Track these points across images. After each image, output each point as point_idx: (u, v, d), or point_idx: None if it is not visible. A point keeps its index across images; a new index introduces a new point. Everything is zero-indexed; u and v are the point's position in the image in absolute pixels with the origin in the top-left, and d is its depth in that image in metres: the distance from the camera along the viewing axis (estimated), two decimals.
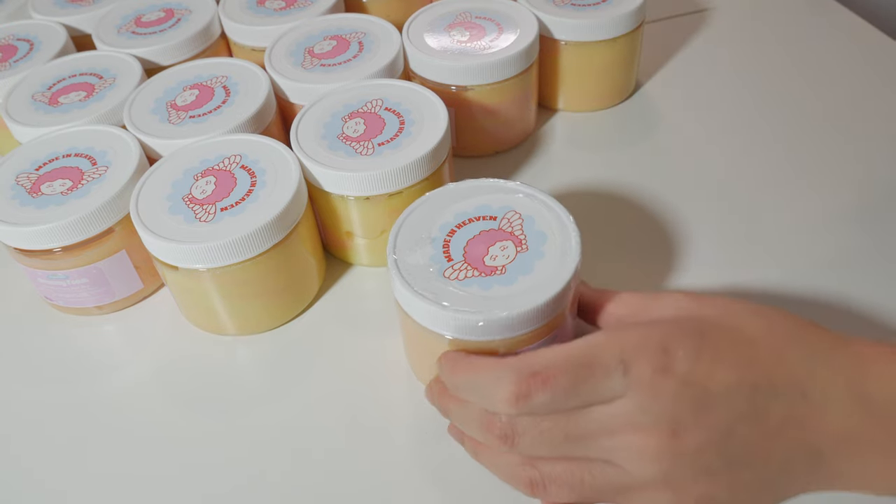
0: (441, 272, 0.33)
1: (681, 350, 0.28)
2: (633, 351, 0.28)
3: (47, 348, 0.42)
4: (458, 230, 0.34)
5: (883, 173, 0.47)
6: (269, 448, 0.36)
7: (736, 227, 0.44)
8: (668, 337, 0.28)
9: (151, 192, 0.39)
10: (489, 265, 0.33)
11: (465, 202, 0.36)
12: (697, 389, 0.27)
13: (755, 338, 0.29)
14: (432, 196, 0.36)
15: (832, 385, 0.28)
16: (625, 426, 0.27)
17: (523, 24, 0.49)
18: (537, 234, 0.34)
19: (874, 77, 0.55)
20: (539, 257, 0.33)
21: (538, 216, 0.35)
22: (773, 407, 0.27)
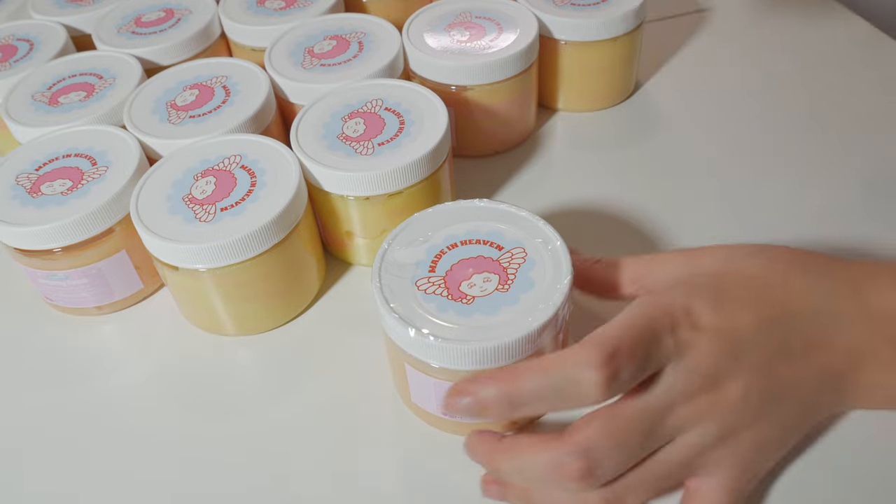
0: (415, 280, 0.33)
1: (700, 305, 0.29)
2: (671, 316, 0.28)
3: (47, 348, 0.42)
4: (459, 247, 0.34)
5: (884, 174, 0.47)
6: (269, 448, 0.36)
7: (736, 228, 0.44)
8: (686, 296, 0.29)
9: (151, 192, 0.39)
10: (462, 291, 0.32)
11: (481, 223, 0.35)
12: (727, 340, 0.28)
13: (758, 275, 0.30)
14: (453, 206, 0.36)
15: (837, 304, 0.29)
16: (680, 394, 0.28)
17: (523, 23, 0.49)
18: (526, 280, 0.32)
19: (874, 77, 0.55)
20: (513, 303, 0.31)
21: (539, 262, 0.33)
22: (793, 335, 0.28)
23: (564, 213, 0.46)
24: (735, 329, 0.28)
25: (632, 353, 0.27)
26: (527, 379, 0.27)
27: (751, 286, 0.29)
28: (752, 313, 0.28)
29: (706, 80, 0.56)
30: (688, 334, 0.28)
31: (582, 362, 0.27)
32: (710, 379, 0.28)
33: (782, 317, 0.29)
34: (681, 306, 0.29)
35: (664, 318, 0.28)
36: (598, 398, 0.27)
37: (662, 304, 0.29)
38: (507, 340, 0.30)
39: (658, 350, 0.28)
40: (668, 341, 0.28)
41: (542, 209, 0.47)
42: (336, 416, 0.37)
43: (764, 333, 0.28)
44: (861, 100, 0.53)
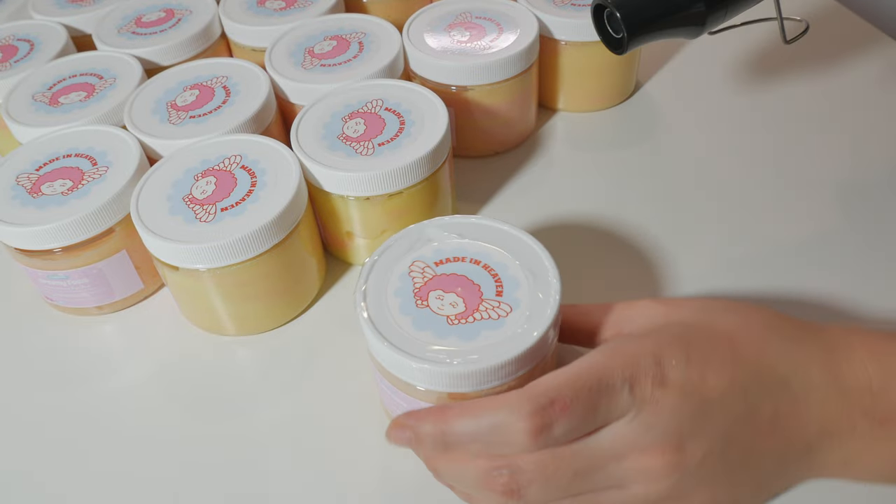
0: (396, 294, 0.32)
1: (672, 359, 0.27)
2: (633, 368, 0.27)
3: (47, 348, 0.42)
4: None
5: (884, 174, 0.47)
6: (269, 448, 0.36)
7: (736, 227, 0.44)
8: (657, 347, 0.28)
9: (152, 192, 0.39)
10: (431, 306, 0.31)
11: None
12: (695, 398, 0.27)
13: (733, 334, 0.29)
14: (476, 220, 0.35)
15: (809, 373, 0.28)
16: (632, 448, 0.27)
17: (523, 24, 0.49)
18: (512, 301, 0.31)
19: (874, 77, 0.55)
20: (472, 337, 0.30)
21: (524, 283, 0.32)
22: (763, 404, 0.27)
23: (564, 213, 0.46)
24: (703, 390, 0.27)
25: (570, 406, 0.26)
26: (458, 420, 0.27)
27: (724, 346, 0.28)
28: (722, 375, 0.27)
29: (706, 80, 0.56)
30: (651, 389, 0.27)
31: (513, 410, 0.26)
32: (671, 437, 0.27)
33: (752, 383, 0.28)
34: (650, 357, 0.27)
35: (624, 370, 0.27)
36: (529, 448, 0.27)
37: (627, 353, 0.28)
38: (487, 365, 0.29)
39: (609, 403, 0.27)
40: (623, 395, 0.27)
41: (542, 209, 0.47)
42: (336, 416, 0.37)
43: (732, 398, 0.27)
44: (861, 100, 0.53)
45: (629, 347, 0.28)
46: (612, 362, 0.27)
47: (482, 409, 0.27)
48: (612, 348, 0.28)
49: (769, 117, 0.52)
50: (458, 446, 0.28)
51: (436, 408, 0.29)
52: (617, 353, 0.28)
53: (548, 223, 0.46)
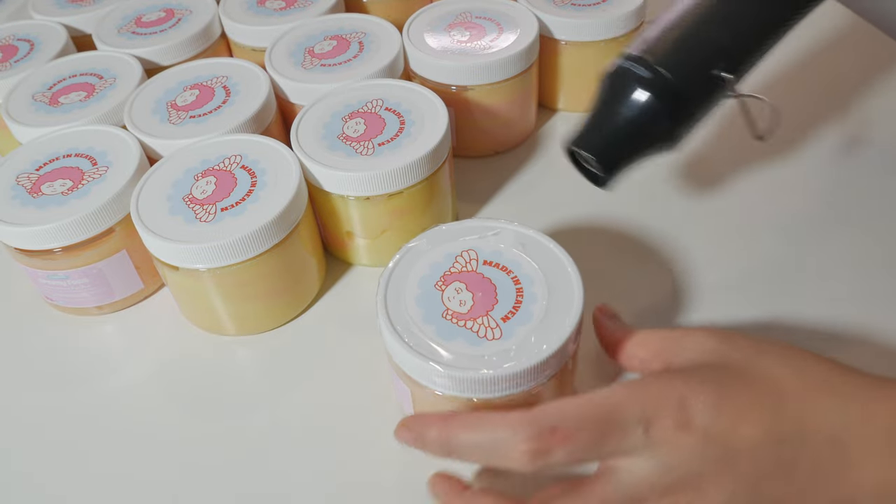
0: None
1: (700, 403, 0.26)
2: (654, 407, 0.26)
3: (47, 348, 0.42)
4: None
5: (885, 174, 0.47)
6: (270, 448, 0.36)
7: (735, 227, 0.44)
8: (686, 389, 0.27)
9: (152, 192, 0.39)
10: (466, 315, 0.31)
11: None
12: (720, 446, 0.26)
13: (782, 386, 0.27)
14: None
15: (869, 433, 0.26)
16: (652, 490, 0.26)
17: (523, 24, 0.49)
18: (492, 331, 0.31)
19: (874, 77, 0.55)
20: (474, 343, 0.31)
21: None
22: (801, 458, 0.26)
23: (564, 213, 0.46)
24: (730, 438, 0.26)
25: (571, 436, 0.26)
26: (462, 430, 0.28)
27: (767, 397, 0.27)
28: (755, 426, 0.26)
29: None
30: (669, 433, 0.26)
31: (515, 431, 0.26)
32: (692, 478, 0.26)
33: (791, 436, 0.26)
34: (675, 399, 0.27)
35: (643, 408, 0.26)
36: (527, 468, 0.26)
37: (650, 392, 0.27)
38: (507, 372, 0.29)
39: (619, 439, 0.26)
40: (637, 434, 0.26)
41: (542, 209, 0.47)
42: (336, 416, 0.37)
43: (766, 448, 0.26)
44: (861, 100, 0.53)
45: (655, 386, 0.27)
46: (630, 399, 0.27)
47: (485, 424, 0.27)
48: (637, 384, 0.28)
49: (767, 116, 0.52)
50: (458, 453, 0.28)
51: (442, 415, 0.29)
52: (640, 390, 0.27)
53: (547, 223, 0.46)
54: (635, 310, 0.40)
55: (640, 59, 0.35)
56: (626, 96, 0.35)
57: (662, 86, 0.34)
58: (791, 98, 0.54)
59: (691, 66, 0.35)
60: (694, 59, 0.35)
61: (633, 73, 0.35)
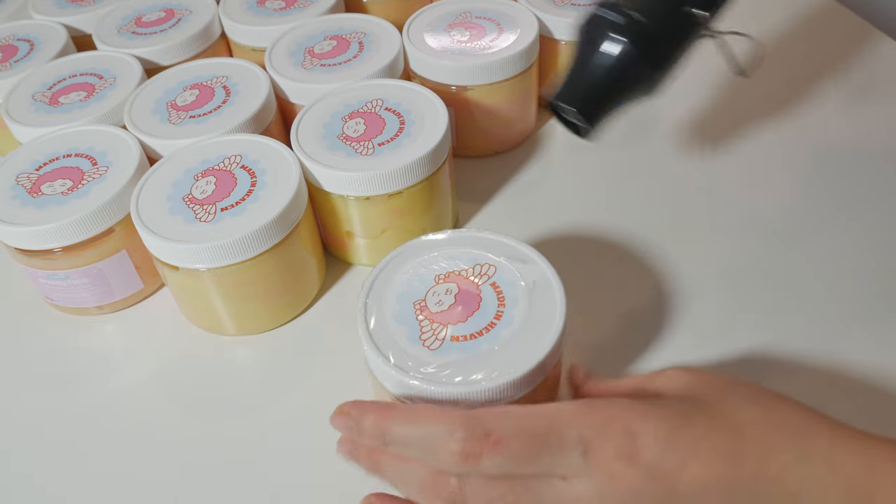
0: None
1: (650, 436, 0.25)
2: (597, 430, 0.25)
3: (47, 348, 0.42)
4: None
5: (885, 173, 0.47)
6: (270, 448, 0.36)
7: (736, 227, 0.44)
8: (639, 418, 0.26)
9: (152, 192, 0.39)
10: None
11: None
12: (663, 485, 0.25)
13: (745, 429, 0.25)
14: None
15: (830, 489, 0.24)
16: None
17: (523, 24, 0.49)
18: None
19: (874, 77, 0.55)
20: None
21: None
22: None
23: (564, 213, 0.46)
24: (676, 478, 0.24)
25: (502, 444, 0.25)
26: (398, 423, 0.28)
27: (727, 439, 0.25)
28: (708, 470, 0.24)
29: (706, 80, 0.56)
30: (608, 461, 0.25)
31: (448, 430, 0.26)
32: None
33: (743, 487, 0.24)
34: (622, 426, 0.25)
35: (584, 430, 0.25)
36: (456, 468, 0.26)
37: (598, 414, 0.26)
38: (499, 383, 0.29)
39: (554, 457, 0.25)
40: (573, 455, 0.25)
41: (542, 209, 0.47)
42: None
43: (712, 495, 0.24)
44: (861, 100, 0.53)
45: (604, 409, 0.26)
46: (574, 418, 0.26)
47: (421, 419, 0.27)
48: (587, 404, 0.27)
49: (768, 117, 0.52)
50: (394, 446, 0.28)
51: (381, 404, 0.29)
52: (587, 410, 0.26)
53: (547, 223, 0.46)
54: (635, 308, 0.40)
55: (610, 5, 0.35)
56: (600, 44, 0.35)
57: (636, 30, 0.34)
58: (790, 96, 0.54)
59: (663, 6, 0.35)
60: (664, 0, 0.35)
61: (606, 19, 0.35)
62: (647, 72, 0.35)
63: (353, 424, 0.29)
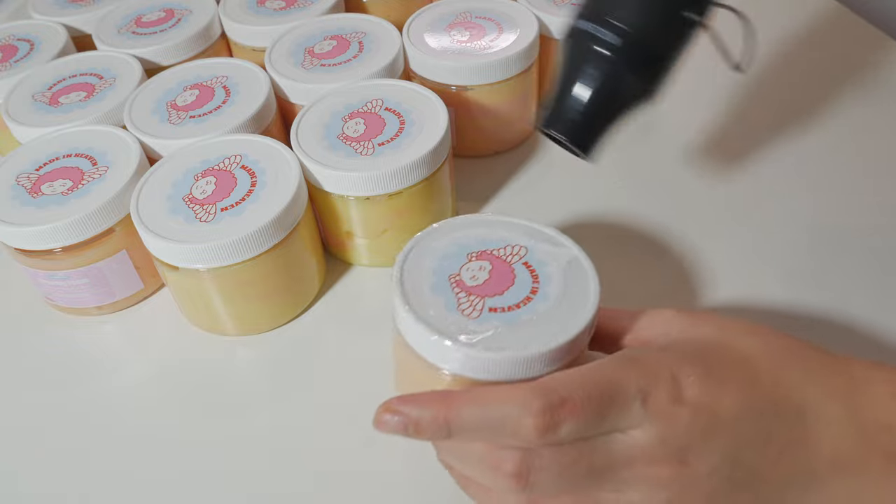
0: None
1: (690, 376, 0.27)
2: (649, 380, 0.27)
3: (47, 349, 0.42)
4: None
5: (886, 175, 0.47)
6: (270, 448, 0.36)
7: (736, 227, 0.44)
8: (675, 363, 0.27)
9: (152, 192, 0.39)
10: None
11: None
12: (707, 416, 0.26)
13: (752, 356, 0.28)
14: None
15: (827, 406, 0.27)
16: (643, 457, 0.26)
17: (523, 24, 0.49)
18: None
19: (874, 77, 0.55)
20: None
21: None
22: (776, 431, 0.27)
23: (564, 213, 0.46)
24: (716, 410, 0.27)
25: (580, 409, 0.26)
26: (466, 409, 0.26)
27: (741, 368, 0.28)
28: (737, 398, 0.27)
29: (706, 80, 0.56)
30: (666, 406, 0.26)
31: (523, 405, 0.26)
32: (678, 452, 0.26)
33: (767, 408, 0.27)
34: (668, 372, 0.27)
35: (639, 381, 0.27)
36: (536, 442, 0.26)
37: (644, 366, 0.27)
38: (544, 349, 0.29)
39: (619, 412, 0.26)
40: (634, 407, 0.26)
41: (542, 210, 0.47)
42: (336, 416, 0.37)
43: (744, 422, 0.27)
44: (861, 100, 0.53)
45: (647, 360, 0.28)
46: (628, 373, 0.27)
47: (491, 400, 0.26)
48: (629, 358, 0.28)
49: (768, 117, 0.52)
50: (461, 433, 0.27)
51: (438, 394, 0.27)
52: (634, 363, 0.27)
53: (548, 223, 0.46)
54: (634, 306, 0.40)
55: (594, 16, 0.31)
56: (586, 64, 0.32)
57: (625, 45, 0.31)
58: (790, 97, 0.54)
59: (654, 12, 0.31)
60: (657, 4, 0.31)
61: (590, 34, 0.31)
62: (642, 87, 0.33)
63: (406, 422, 0.27)
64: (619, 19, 0.31)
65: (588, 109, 0.33)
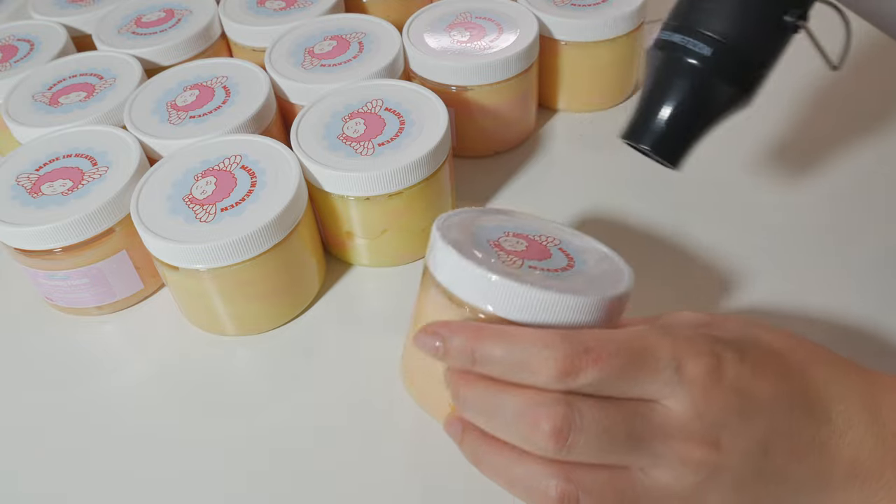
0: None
1: (728, 353, 0.26)
2: (685, 349, 0.26)
3: (47, 349, 0.42)
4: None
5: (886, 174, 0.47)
6: (269, 448, 0.36)
7: (737, 226, 0.44)
8: (713, 341, 0.27)
9: (152, 192, 0.39)
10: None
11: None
12: (745, 398, 0.26)
13: (781, 352, 0.28)
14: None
15: (849, 410, 0.27)
16: (679, 432, 0.26)
17: (523, 24, 0.49)
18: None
19: (874, 77, 0.55)
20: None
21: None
22: (805, 427, 0.27)
23: (564, 213, 0.46)
24: (754, 393, 0.26)
25: (604, 360, 0.25)
26: (493, 341, 0.26)
27: (774, 359, 0.27)
28: (772, 386, 0.26)
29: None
30: (703, 379, 0.26)
31: (548, 346, 0.25)
32: (713, 430, 0.26)
33: (798, 402, 0.27)
34: (706, 347, 0.26)
35: (675, 349, 0.26)
36: (552, 385, 0.25)
37: (682, 335, 0.27)
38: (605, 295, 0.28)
39: (648, 376, 0.26)
40: (666, 374, 0.26)
41: (542, 210, 0.47)
42: (335, 416, 0.37)
43: (778, 411, 0.26)
44: (861, 100, 0.53)
45: (684, 334, 0.27)
46: (663, 340, 0.26)
47: (519, 338, 0.26)
48: (665, 330, 0.27)
49: (768, 117, 0.52)
50: (483, 365, 0.27)
51: (473, 324, 0.28)
52: (670, 334, 0.27)
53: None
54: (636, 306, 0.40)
55: (685, 28, 0.30)
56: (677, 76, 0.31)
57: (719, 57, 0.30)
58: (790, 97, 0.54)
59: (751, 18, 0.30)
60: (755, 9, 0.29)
61: (687, 48, 0.30)
62: (737, 95, 0.31)
63: (439, 345, 0.27)
64: (711, 29, 0.30)
65: (675, 122, 0.32)
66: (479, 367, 0.27)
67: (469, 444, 0.28)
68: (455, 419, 0.29)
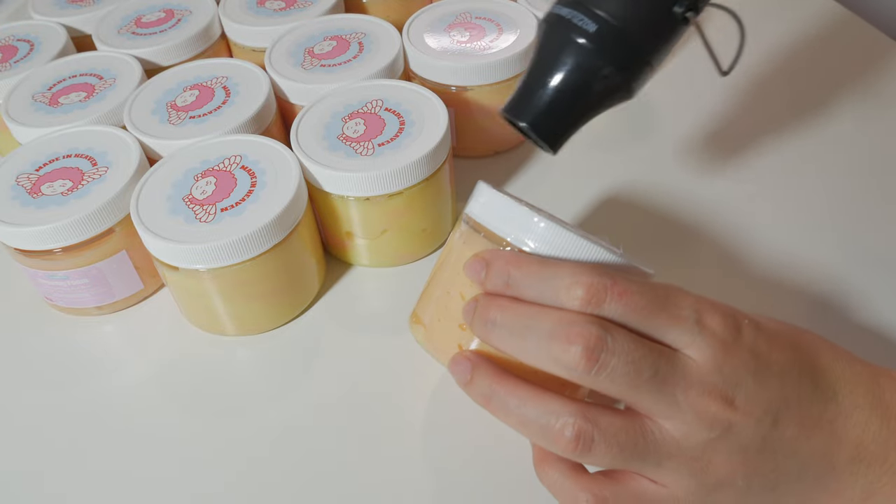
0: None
1: (746, 319, 0.27)
2: (707, 306, 0.27)
3: (47, 349, 0.42)
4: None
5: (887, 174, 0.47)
6: (269, 448, 0.36)
7: (738, 226, 0.44)
8: (731, 308, 0.28)
9: (152, 192, 0.39)
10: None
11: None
12: (761, 362, 0.27)
13: (789, 335, 0.29)
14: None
15: (855, 392, 0.27)
16: (698, 382, 0.26)
17: (523, 24, 0.49)
18: None
19: (874, 78, 0.55)
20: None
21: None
22: (814, 402, 0.27)
23: (564, 214, 0.46)
24: (769, 359, 0.27)
25: (627, 294, 0.26)
26: (528, 268, 0.28)
27: (785, 333, 0.28)
28: (785, 355, 0.27)
29: (705, 79, 0.56)
30: (724, 335, 0.27)
31: (576, 274, 0.27)
32: (730, 387, 0.26)
33: (807, 374, 0.27)
34: (727, 309, 0.27)
35: (697, 302, 0.27)
36: (573, 306, 0.26)
37: (704, 299, 0.28)
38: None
39: (670, 322, 0.26)
40: (688, 322, 0.26)
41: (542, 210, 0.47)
42: (335, 416, 0.37)
43: (790, 380, 0.27)
44: (861, 100, 0.53)
45: (706, 297, 0.28)
46: (686, 295, 0.27)
47: (552, 265, 0.28)
48: (688, 292, 0.28)
49: (768, 117, 0.52)
50: (516, 287, 0.28)
51: (514, 252, 0.29)
52: (693, 294, 0.28)
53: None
54: None
55: (575, 3, 0.30)
56: (562, 52, 0.30)
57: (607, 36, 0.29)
58: (790, 97, 0.54)
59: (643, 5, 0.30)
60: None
61: (569, 22, 0.30)
62: (619, 81, 0.31)
63: (484, 264, 0.29)
64: (601, 8, 0.30)
65: (556, 100, 0.31)
66: (514, 287, 0.28)
67: (479, 382, 0.29)
68: (463, 357, 0.30)
